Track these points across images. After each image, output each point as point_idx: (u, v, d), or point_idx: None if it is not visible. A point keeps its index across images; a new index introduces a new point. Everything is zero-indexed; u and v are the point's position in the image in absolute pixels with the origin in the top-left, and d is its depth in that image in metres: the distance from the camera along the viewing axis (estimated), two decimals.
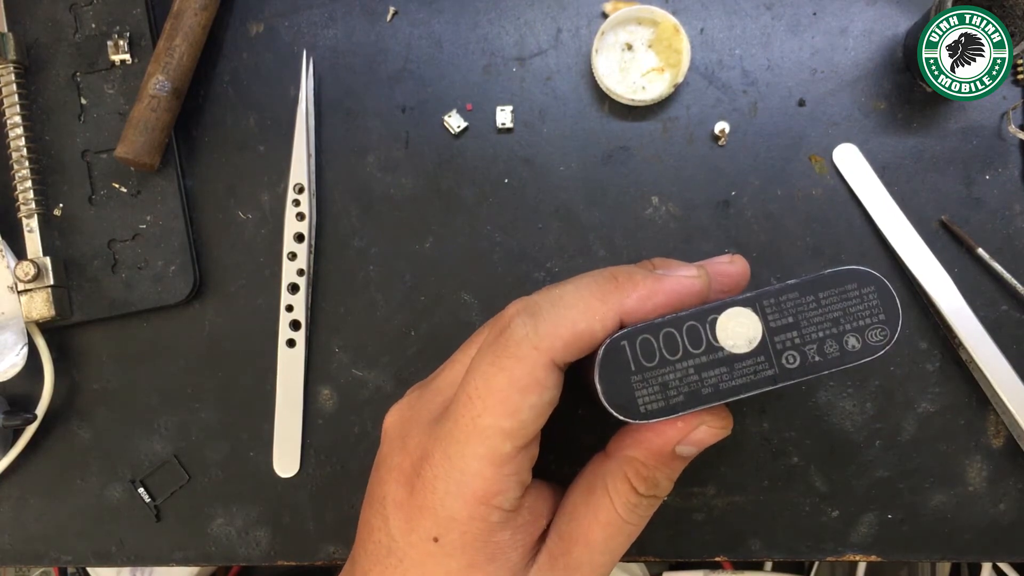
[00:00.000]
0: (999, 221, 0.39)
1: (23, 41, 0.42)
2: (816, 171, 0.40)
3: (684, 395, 0.23)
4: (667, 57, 0.40)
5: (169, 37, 0.40)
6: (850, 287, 0.23)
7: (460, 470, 0.26)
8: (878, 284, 0.23)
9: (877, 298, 0.23)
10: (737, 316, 0.23)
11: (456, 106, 0.41)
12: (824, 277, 0.23)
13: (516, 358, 0.25)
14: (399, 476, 0.28)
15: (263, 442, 0.41)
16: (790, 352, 0.23)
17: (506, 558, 0.27)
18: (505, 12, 0.41)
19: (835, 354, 0.23)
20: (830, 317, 0.23)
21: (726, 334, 0.23)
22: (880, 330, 0.23)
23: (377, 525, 0.29)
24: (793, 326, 0.23)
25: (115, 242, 0.42)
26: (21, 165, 0.41)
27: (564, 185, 0.41)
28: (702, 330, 0.23)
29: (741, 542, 0.40)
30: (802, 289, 0.23)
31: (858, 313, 0.23)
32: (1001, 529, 0.39)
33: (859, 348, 0.23)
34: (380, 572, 0.29)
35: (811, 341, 0.23)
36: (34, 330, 0.40)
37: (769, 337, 0.23)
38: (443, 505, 0.26)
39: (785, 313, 0.23)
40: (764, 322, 0.23)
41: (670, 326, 0.23)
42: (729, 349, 0.23)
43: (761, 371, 0.23)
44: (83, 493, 0.42)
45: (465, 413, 0.26)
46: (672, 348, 0.23)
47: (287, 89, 0.42)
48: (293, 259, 0.41)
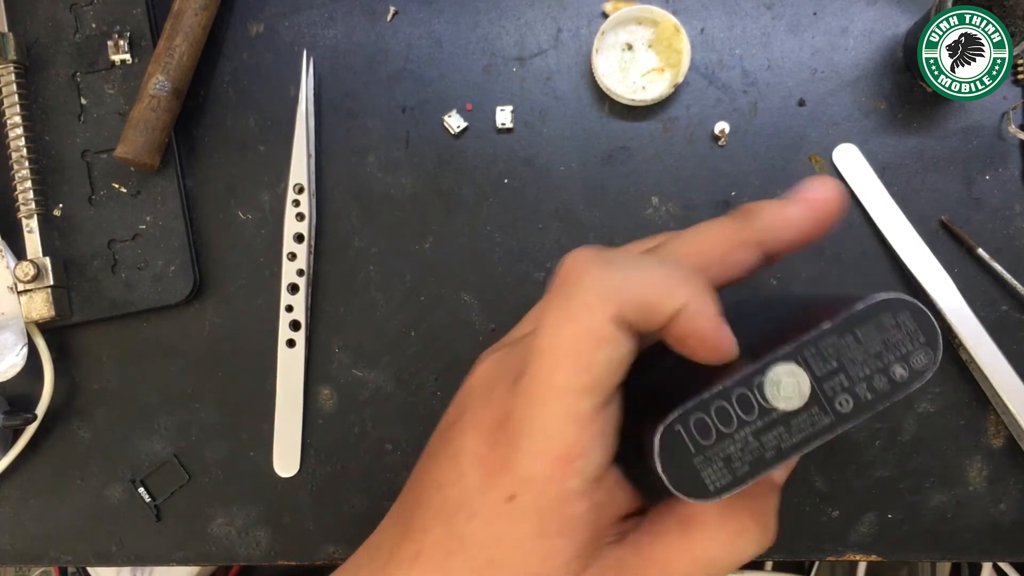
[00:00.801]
0: (999, 221, 0.39)
1: (23, 41, 0.42)
2: (816, 171, 0.40)
3: (749, 464, 0.23)
4: (667, 57, 0.40)
5: (169, 37, 0.40)
6: (884, 317, 0.23)
7: (541, 429, 0.25)
8: (912, 308, 0.22)
9: (914, 322, 0.22)
10: (783, 374, 0.22)
11: (456, 106, 0.41)
12: (857, 314, 0.23)
13: (586, 307, 0.24)
14: (481, 431, 0.27)
15: (263, 442, 0.41)
16: (842, 396, 0.22)
17: (576, 535, 0.26)
18: (505, 12, 0.41)
19: (885, 388, 0.22)
20: (872, 352, 0.22)
21: (775, 394, 0.23)
22: (924, 353, 0.22)
23: (450, 479, 0.27)
24: (839, 370, 0.22)
25: (115, 242, 0.42)
26: (21, 165, 0.41)
27: (564, 185, 0.41)
28: (751, 395, 0.23)
29: None
30: (839, 331, 0.23)
31: (899, 342, 0.22)
32: (1001, 529, 0.39)
33: (907, 376, 0.22)
34: (446, 529, 0.27)
35: (860, 380, 0.22)
36: (34, 330, 0.40)
37: (818, 386, 0.23)
38: (523, 464, 0.25)
39: (828, 359, 0.22)
40: (810, 373, 0.22)
41: (719, 399, 0.23)
42: (782, 408, 0.23)
43: (818, 422, 0.23)
44: (83, 493, 0.42)
45: (540, 370, 0.25)
46: (726, 420, 0.23)
47: (287, 89, 0.42)
48: (293, 259, 0.41)
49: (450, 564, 0.27)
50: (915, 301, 0.22)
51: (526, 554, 0.26)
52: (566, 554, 0.26)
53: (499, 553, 0.26)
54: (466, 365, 0.30)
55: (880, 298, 0.23)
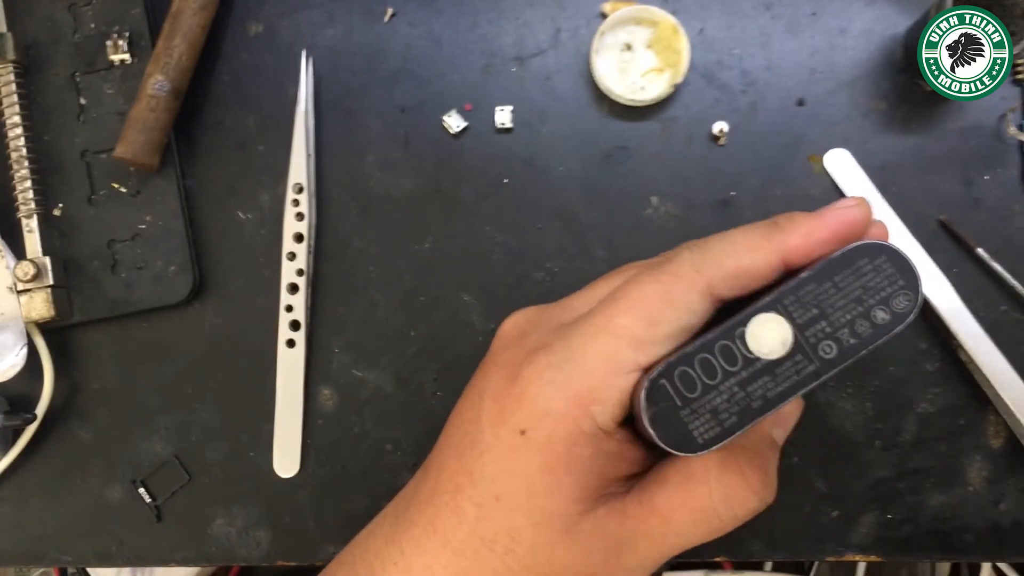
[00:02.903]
0: (998, 221, 0.39)
1: (22, 41, 0.42)
2: (815, 171, 0.40)
3: (736, 415, 0.23)
4: (666, 57, 0.40)
5: (168, 37, 0.40)
6: (862, 263, 0.23)
7: (574, 361, 0.25)
8: (889, 252, 0.23)
9: (891, 266, 0.23)
10: (764, 323, 0.23)
11: (455, 106, 0.41)
12: (834, 260, 0.23)
13: (675, 275, 0.25)
14: (505, 369, 0.28)
15: (263, 442, 0.41)
16: (825, 343, 0.23)
17: (582, 475, 0.26)
18: (504, 12, 0.41)
19: (868, 332, 0.23)
20: (852, 298, 0.23)
21: (758, 344, 0.23)
22: (904, 296, 0.23)
23: (469, 417, 0.28)
24: (820, 316, 0.23)
25: (115, 242, 0.42)
26: (20, 165, 0.41)
27: (564, 185, 0.41)
28: (734, 347, 0.23)
29: (741, 542, 0.40)
30: (817, 278, 0.23)
31: (878, 286, 0.23)
32: (1001, 529, 0.39)
33: (889, 319, 0.23)
34: (458, 464, 0.28)
35: (842, 326, 0.23)
36: (34, 330, 0.40)
37: (800, 334, 0.23)
38: (542, 394, 0.26)
39: (808, 307, 0.23)
40: (791, 321, 0.23)
41: (703, 352, 0.23)
42: (765, 357, 0.23)
43: (803, 369, 0.23)
44: (83, 493, 0.42)
45: (604, 310, 0.25)
46: (710, 373, 0.23)
47: (286, 89, 0.42)
48: (293, 259, 0.41)
49: (459, 499, 0.27)
50: (892, 245, 0.23)
51: (531, 488, 0.26)
52: (571, 493, 0.26)
53: (506, 487, 0.26)
54: (466, 365, 0.30)
55: (856, 244, 0.23)
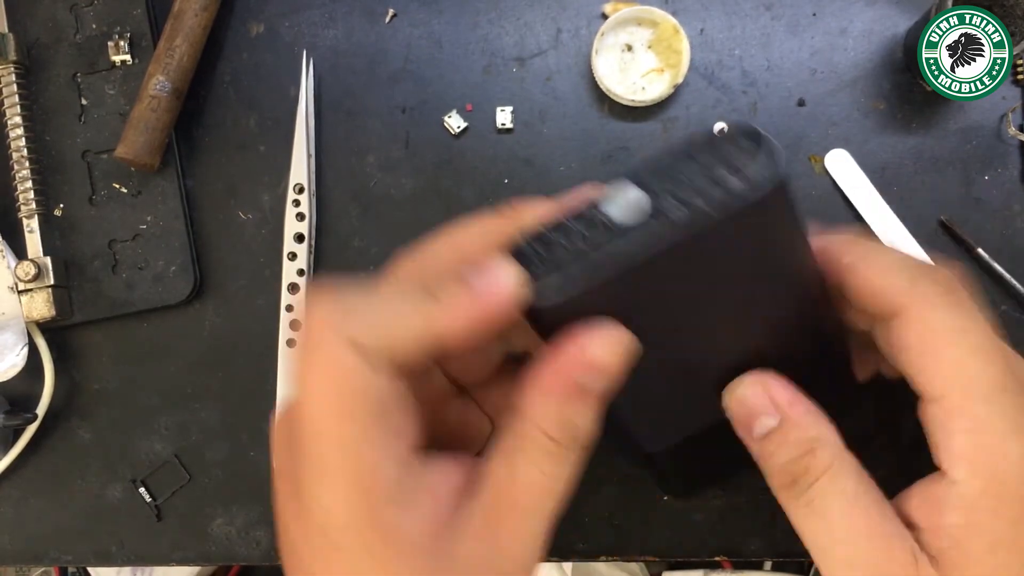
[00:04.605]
0: (999, 221, 0.39)
1: (24, 41, 0.42)
2: (815, 171, 0.40)
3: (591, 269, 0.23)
4: (667, 58, 0.40)
5: (169, 38, 0.40)
6: (720, 140, 0.23)
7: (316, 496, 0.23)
8: (747, 129, 0.23)
9: (749, 141, 0.23)
10: (619, 189, 0.23)
11: (456, 106, 0.41)
12: (695, 139, 0.23)
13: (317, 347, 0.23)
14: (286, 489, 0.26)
15: (263, 442, 0.41)
16: (678, 208, 0.23)
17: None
18: (505, 12, 0.41)
19: (721, 197, 0.22)
20: (707, 168, 0.23)
21: (613, 209, 0.23)
22: (761, 165, 0.22)
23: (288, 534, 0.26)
24: (675, 186, 0.23)
25: (115, 242, 0.42)
26: (22, 165, 0.41)
27: (564, 185, 0.41)
28: (595, 214, 0.23)
29: (741, 542, 0.40)
30: (676, 155, 0.23)
31: (733, 157, 0.23)
32: None
33: (743, 187, 0.22)
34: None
35: (696, 192, 0.23)
36: (34, 330, 0.41)
37: (654, 199, 0.23)
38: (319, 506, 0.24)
39: (664, 178, 0.23)
40: (645, 189, 0.23)
41: (567, 221, 0.24)
42: (620, 221, 0.23)
43: (657, 231, 0.23)
44: (83, 493, 0.42)
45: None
46: (571, 238, 0.23)
47: (287, 89, 0.42)
48: (293, 259, 0.41)
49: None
50: (752, 125, 0.23)
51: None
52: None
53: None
54: None
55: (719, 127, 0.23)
